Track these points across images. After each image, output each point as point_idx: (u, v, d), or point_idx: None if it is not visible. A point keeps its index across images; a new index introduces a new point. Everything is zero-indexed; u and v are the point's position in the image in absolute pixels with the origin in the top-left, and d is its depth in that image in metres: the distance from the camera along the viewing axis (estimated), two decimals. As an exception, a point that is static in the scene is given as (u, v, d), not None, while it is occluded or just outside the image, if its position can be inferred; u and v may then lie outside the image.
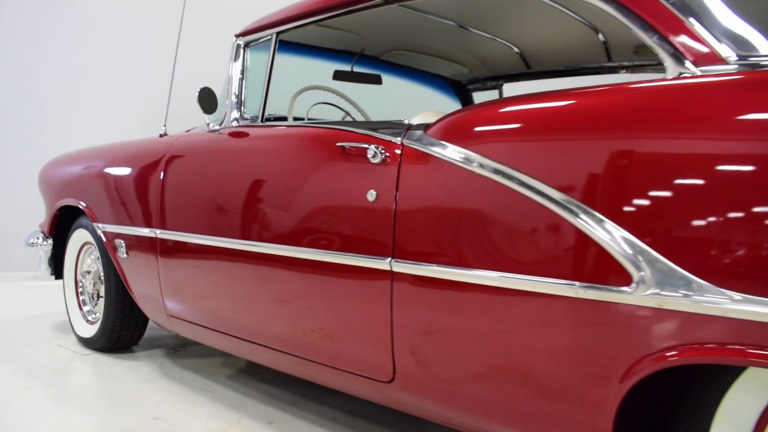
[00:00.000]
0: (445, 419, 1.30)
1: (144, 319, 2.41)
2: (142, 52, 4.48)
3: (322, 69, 2.40)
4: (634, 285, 0.93)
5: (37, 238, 2.72)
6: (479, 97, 2.87)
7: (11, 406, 1.90)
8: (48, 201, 2.72)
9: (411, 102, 2.82)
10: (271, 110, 2.11)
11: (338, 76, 2.35)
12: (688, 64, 0.99)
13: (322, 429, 1.75)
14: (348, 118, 2.29)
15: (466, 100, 2.82)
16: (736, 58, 0.96)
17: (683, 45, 1.01)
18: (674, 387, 1.02)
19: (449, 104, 2.75)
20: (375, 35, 2.20)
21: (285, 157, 1.60)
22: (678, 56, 1.01)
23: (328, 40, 2.22)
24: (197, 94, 1.83)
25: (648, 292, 0.92)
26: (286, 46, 2.19)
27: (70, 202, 2.51)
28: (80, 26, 4.60)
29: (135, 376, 2.22)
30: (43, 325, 2.94)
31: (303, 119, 2.09)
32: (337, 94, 2.20)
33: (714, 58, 0.98)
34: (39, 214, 2.87)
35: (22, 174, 3.97)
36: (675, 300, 0.90)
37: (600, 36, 1.86)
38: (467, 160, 1.15)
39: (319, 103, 2.17)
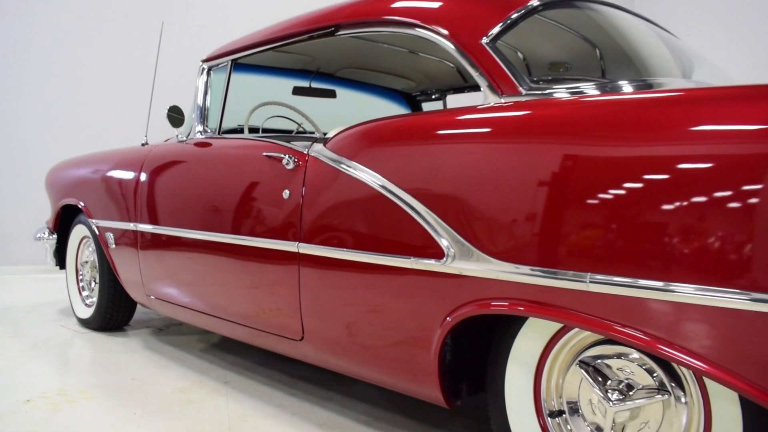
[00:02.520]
0: (338, 368, 1.67)
1: (132, 302, 2.80)
2: (139, 67, 4.89)
3: (286, 85, 2.78)
4: (445, 258, 1.28)
5: (44, 233, 3.14)
6: (428, 107, 3.22)
7: (17, 371, 2.30)
8: (53, 200, 3.13)
9: (375, 111, 3.17)
10: (240, 121, 2.50)
11: (297, 91, 2.72)
12: (497, 93, 1.34)
13: (267, 388, 2.12)
14: (302, 128, 2.66)
15: (418, 109, 3.17)
16: (527, 90, 1.31)
17: (498, 81, 1.35)
18: (487, 335, 1.37)
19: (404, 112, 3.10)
20: (327, 56, 2.55)
21: (230, 163, 1.98)
22: (490, 87, 1.35)
23: (287, 61, 2.58)
24: (166, 111, 2.21)
25: (454, 263, 1.27)
26: (252, 67, 2.57)
27: (71, 201, 2.92)
28: (87, 41, 5.03)
29: (122, 349, 2.61)
30: (49, 310, 3.36)
31: (259, 129, 2.46)
32: (290, 108, 2.57)
33: (514, 90, 1.32)
34: (46, 213, 3.29)
35: (34, 177, 4.40)
36: (471, 269, 1.25)
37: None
38: (345, 166, 1.52)
39: (274, 116, 2.54)
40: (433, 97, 3.06)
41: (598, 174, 1.08)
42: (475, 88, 2.76)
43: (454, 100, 3.03)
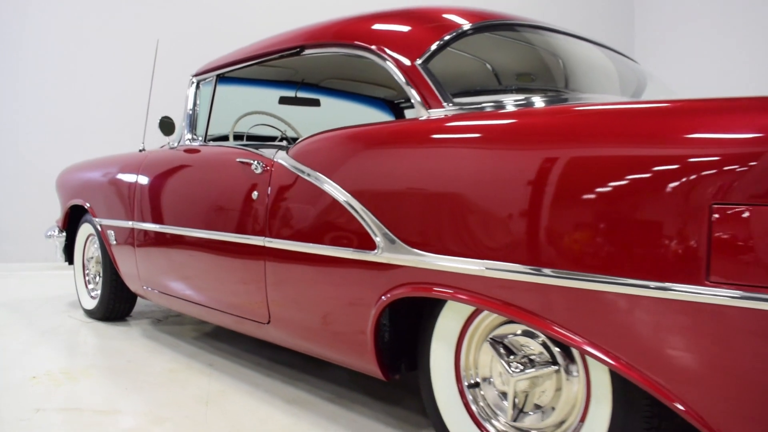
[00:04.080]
0: (299, 347, 1.89)
1: (132, 294, 3.05)
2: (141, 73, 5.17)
3: (275, 95, 3.01)
4: (377, 249, 1.50)
5: (54, 232, 3.41)
6: (411, 113, 3.42)
7: (27, 353, 2.56)
8: (62, 201, 3.40)
9: (359, 118, 3.39)
10: (238, 128, 2.74)
11: (283, 100, 2.95)
12: (426, 108, 1.55)
13: (247, 370, 2.35)
14: (285, 134, 2.89)
15: (401, 116, 3.38)
16: (450, 106, 1.52)
17: (427, 98, 1.56)
18: (418, 316, 1.58)
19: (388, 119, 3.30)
20: (308, 69, 2.78)
21: (210, 168, 2.21)
22: (421, 103, 1.56)
23: (272, 74, 2.81)
24: (158, 121, 2.46)
25: (384, 254, 1.48)
26: (242, 80, 2.81)
27: (78, 202, 3.18)
28: (91, 50, 5.34)
29: (122, 336, 2.86)
30: (59, 303, 3.63)
31: (243, 136, 2.70)
32: (273, 116, 2.80)
33: (440, 105, 1.53)
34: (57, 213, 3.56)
35: (48, 179, 4.70)
36: (398, 258, 1.46)
37: None
38: (302, 171, 1.74)
39: (259, 124, 2.77)
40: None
41: (493, 176, 1.28)
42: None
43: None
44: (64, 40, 5.27)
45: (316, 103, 3.06)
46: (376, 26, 1.77)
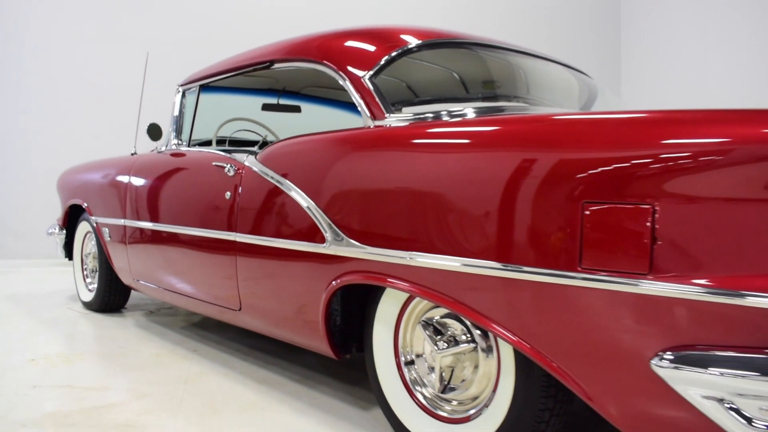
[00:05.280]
0: (266, 332, 2.10)
1: (126, 287, 3.28)
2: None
3: (260, 101, 3.22)
4: (326, 243, 1.70)
5: (54, 229, 3.65)
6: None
7: (27, 340, 2.79)
8: (62, 201, 3.64)
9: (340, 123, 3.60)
10: (220, 133, 2.95)
11: (265, 107, 3.16)
12: (371, 119, 1.76)
13: (227, 355, 2.56)
14: (266, 139, 3.10)
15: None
16: (392, 117, 1.72)
17: (372, 109, 1.77)
18: (365, 302, 1.78)
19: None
20: (287, 78, 2.99)
21: (191, 170, 2.43)
22: (367, 114, 1.77)
23: (255, 83, 3.02)
24: (146, 128, 2.68)
25: (331, 247, 1.69)
26: (227, 89, 3.02)
27: (76, 201, 3.41)
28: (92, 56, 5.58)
29: (116, 326, 3.09)
30: (60, 296, 3.87)
31: (226, 141, 2.92)
32: (254, 122, 3.01)
33: (383, 116, 1.74)
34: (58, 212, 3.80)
35: (51, 179, 4.94)
36: (343, 250, 1.66)
37: None
38: (266, 173, 1.95)
39: (242, 130, 2.99)
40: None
41: (417, 179, 1.49)
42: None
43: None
44: (70, 47, 5.52)
45: (297, 109, 3.27)
46: (334, 43, 1.98)
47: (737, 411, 0.99)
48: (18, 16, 5.44)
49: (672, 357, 1.05)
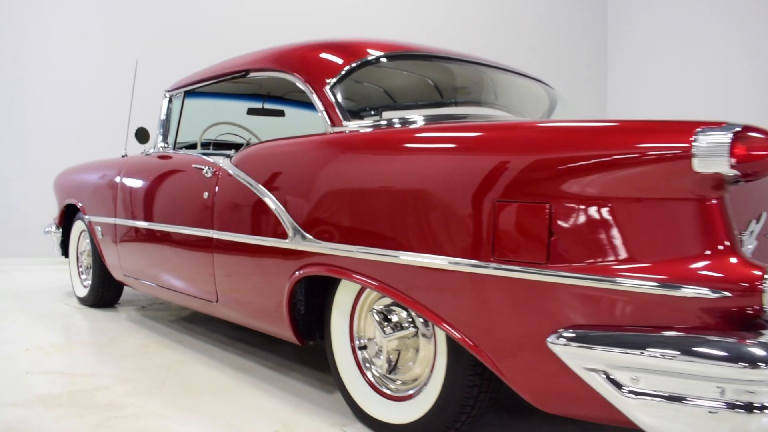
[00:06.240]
0: (241, 321, 2.28)
1: (118, 283, 3.45)
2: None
3: (247, 106, 3.39)
4: (288, 238, 1.87)
5: (51, 228, 3.84)
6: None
7: (23, 333, 2.98)
8: (58, 201, 3.82)
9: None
10: (207, 136, 3.13)
11: (250, 111, 3.34)
12: (330, 125, 1.93)
13: (209, 346, 2.74)
14: (250, 142, 3.28)
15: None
16: (348, 124, 1.89)
17: (331, 116, 1.93)
18: (326, 291, 1.95)
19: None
20: (271, 84, 3.16)
21: (173, 172, 2.61)
22: (327, 121, 1.94)
23: (242, 88, 3.20)
24: (135, 131, 2.86)
25: (293, 242, 1.86)
26: (213, 94, 3.20)
27: (72, 201, 3.60)
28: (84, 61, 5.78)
29: (108, 319, 3.27)
30: (57, 293, 4.06)
31: (210, 144, 3.09)
32: (237, 126, 3.18)
33: (340, 123, 1.91)
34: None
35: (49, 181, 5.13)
36: (303, 245, 1.83)
37: None
38: (238, 174, 2.12)
39: (226, 133, 3.17)
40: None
41: (365, 180, 1.65)
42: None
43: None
44: (70, 49, 5.71)
45: (280, 113, 3.44)
46: (301, 55, 2.15)
47: (613, 381, 1.16)
48: (18, 18, 5.65)
49: (563, 335, 1.22)
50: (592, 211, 1.20)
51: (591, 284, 1.19)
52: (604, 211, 1.19)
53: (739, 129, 1.08)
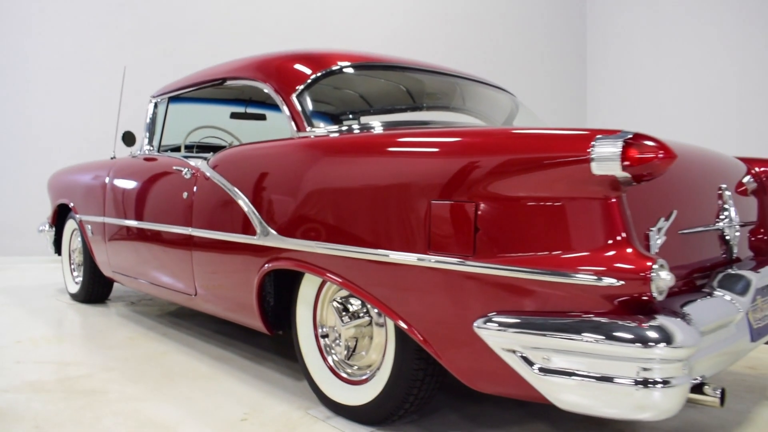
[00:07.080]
0: (217, 314, 2.43)
1: (107, 279, 3.61)
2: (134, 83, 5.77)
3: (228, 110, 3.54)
4: (257, 235, 2.02)
5: (45, 227, 3.99)
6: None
7: (16, 326, 3.13)
8: (51, 200, 3.98)
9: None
10: (193, 139, 3.29)
11: (233, 116, 3.49)
12: (295, 131, 2.08)
13: (192, 338, 2.89)
14: (232, 145, 3.43)
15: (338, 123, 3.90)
16: (312, 130, 2.04)
17: (297, 122, 2.09)
18: (292, 285, 2.10)
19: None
20: (249, 90, 3.31)
21: (157, 173, 2.76)
22: (293, 127, 2.09)
23: (225, 93, 3.35)
24: (122, 135, 3.01)
25: (261, 238, 2.01)
26: (197, 99, 3.35)
27: (64, 201, 3.75)
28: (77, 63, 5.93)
29: (98, 314, 3.42)
30: (50, 289, 4.21)
31: (193, 147, 3.25)
32: (220, 129, 3.34)
33: (303, 128, 2.06)
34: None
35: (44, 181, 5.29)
36: (269, 242, 1.98)
37: None
38: (213, 176, 2.27)
39: (210, 136, 3.32)
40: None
41: (323, 182, 1.80)
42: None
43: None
44: (70, 51, 5.87)
45: (262, 117, 3.59)
46: (272, 65, 2.30)
47: (526, 359, 1.31)
48: (19, 20, 5.80)
49: (486, 320, 1.37)
50: (511, 209, 1.35)
51: (509, 274, 1.33)
52: (521, 210, 1.34)
53: (630, 136, 1.22)
